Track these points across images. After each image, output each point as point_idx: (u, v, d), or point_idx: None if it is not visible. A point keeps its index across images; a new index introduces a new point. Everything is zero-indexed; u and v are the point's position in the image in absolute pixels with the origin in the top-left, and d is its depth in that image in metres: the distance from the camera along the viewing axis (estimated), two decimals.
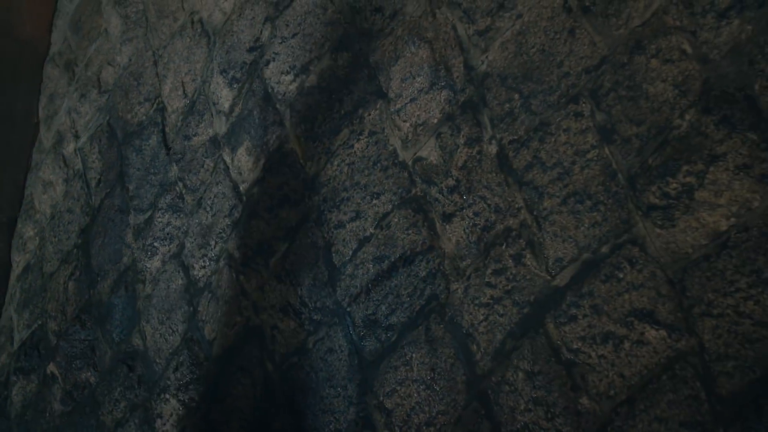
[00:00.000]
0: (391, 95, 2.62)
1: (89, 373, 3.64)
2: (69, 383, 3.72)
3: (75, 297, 3.87)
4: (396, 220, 2.52)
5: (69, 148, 4.17)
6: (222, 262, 3.11)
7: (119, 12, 3.97)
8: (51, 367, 3.85)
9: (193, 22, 3.51)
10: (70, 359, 3.75)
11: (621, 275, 1.97)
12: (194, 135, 3.39)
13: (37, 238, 4.30)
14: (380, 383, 2.43)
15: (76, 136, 4.14)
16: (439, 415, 2.25)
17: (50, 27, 4.52)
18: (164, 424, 3.14)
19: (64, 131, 4.24)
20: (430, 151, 2.46)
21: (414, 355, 2.36)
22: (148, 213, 3.55)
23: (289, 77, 2.98)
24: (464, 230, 2.34)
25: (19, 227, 4.45)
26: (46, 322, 4.01)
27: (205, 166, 3.30)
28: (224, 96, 3.26)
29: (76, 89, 4.19)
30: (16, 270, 4.40)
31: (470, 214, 2.33)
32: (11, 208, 4.50)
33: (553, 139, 2.18)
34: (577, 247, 2.07)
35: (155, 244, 3.46)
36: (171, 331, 3.26)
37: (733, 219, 1.83)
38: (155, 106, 3.65)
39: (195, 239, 3.27)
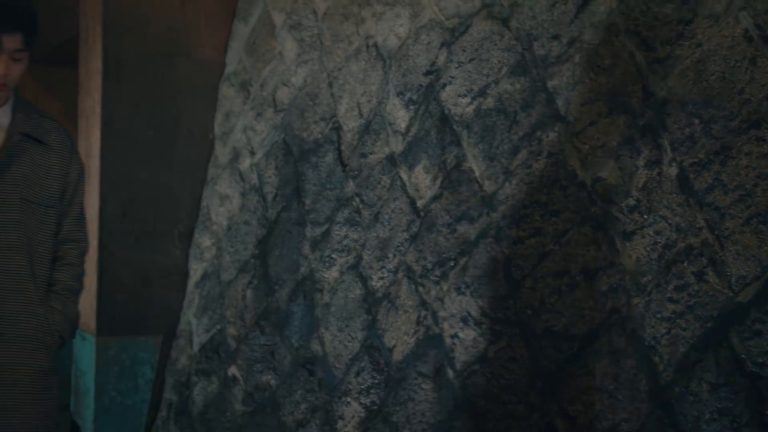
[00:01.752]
0: (570, 118, 2.82)
1: (269, 376, 3.97)
2: (250, 385, 4.06)
3: (253, 304, 4.21)
4: (576, 237, 2.72)
5: (245, 163, 4.54)
6: (400, 274, 3.37)
7: (294, 36, 4.30)
8: (232, 370, 4.21)
9: (368, 46, 3.80)
10: (250, 362, 4.10)
11: None
12: (370, 153, 3.67)
13: (214, 247, 4.68)
14: (563, 391, 2.63)
15: (252, 153, 4.50)
16: (623, 423, 2.45)
17: (225, 49, 4.91)
18: (346, 426, 3.42)
19: (239, 147, 4.61)
20: (609, 172, 2.66)
21: (596, 365, 2.56)
22: (325, 226, 3.86)
23: (466, 100, 3.22)
24: (645, 248, 2.52)
25: (196, 237, 4.85)
26: (225, 327, 4.38)
27: (382, 182, 3.58)
28: (400, 117, 3.53)
29: (251, 108, 4.56)
30: (194, 277, 4.80)
31: (651, 233, 2.51)
32: (189, 219, 4.91)
33: (734, 163, 2.34)
34: (760, 266, 2.23)
35: (333, 255, 3.76)
36: (350, 338, 3.55)
37: None
38: (331, 125, 3.95)
39: (372, 252, 3.54)
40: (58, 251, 2.52)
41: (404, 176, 3.46)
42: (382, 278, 3.46)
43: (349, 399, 3.44)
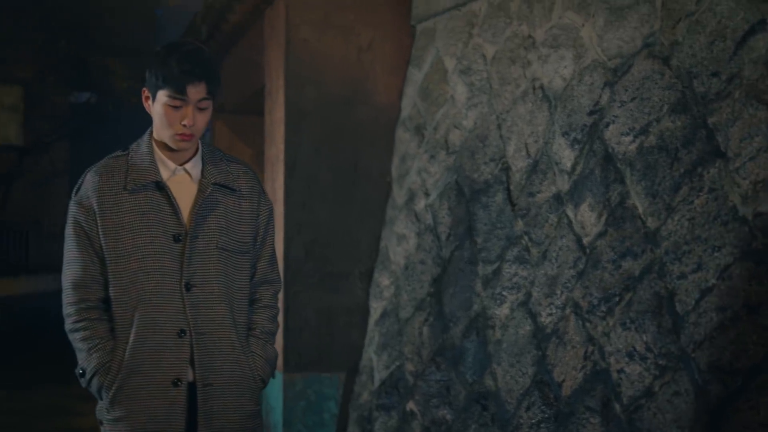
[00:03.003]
0: (730, 154, 2.92)
1: (445, 411, 4.19)
2: (427, 420, 4.30)
3: (429, 341, 4.46)
4: (737, 271, 2.81)
5: (420, 204, 4.81)
6: (568, 310, 3.53)
7: (464, 80, 4.56)
8: (410, 405, 4.46)
9: (534, 88, 4.00)
10: (427, 398, 4.34)
11: None
12: (538, 192, 3.86)
13: (392, 286, 4.97)
14: (728, 425, 2.72)
15: (426, 194, 4.77)
16: None
17: (400, 95, 5.23)
18: None
19: (415, 189, 4.89)
20: None
21: (761, 399, 2.63)
22: (496, 264, 4.06)
23: (629, 138, 3.36)
24: None
25: (376, 276, 5.16)
26: (404, 363, 4.64)
27: (549, 220, 3.75)
28: (566, 156, 3.70)
29: (425, 151, 4.83)
30: (374, 315, 5.10)
31: None
32: (369, 259, 5.22)
33: None
34: None
35: (503, 293, 3.96)
36: (521, 373, 3.72)
37: None
38: (500, 165, 4.17)
39: (541, 288, 3.72)
40: (255, 293, 2.60)
41: (570, 214, 3.62)
42: (550, 314, 3.62)
43: None
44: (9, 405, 7.68)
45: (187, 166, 2.48)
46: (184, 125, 2.38)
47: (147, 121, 2.51)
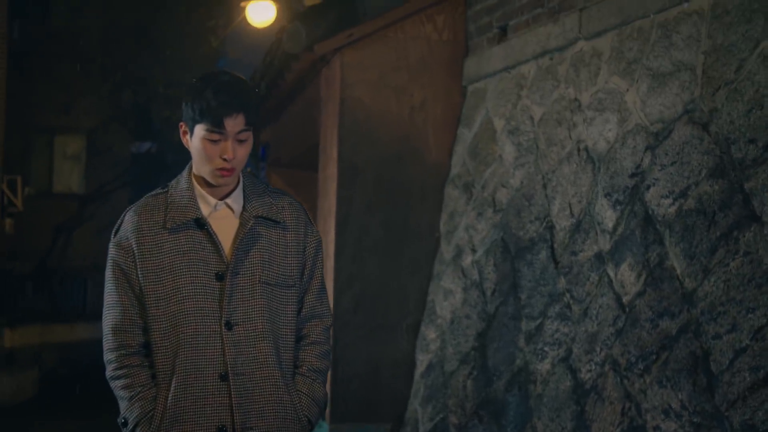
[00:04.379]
0: (765, 219, 3.02)
1: None
2: None
3: (473, 394, 4.57)
4: None
5: (467, 260, 4.95)
6: (607, 367, 3.62)
7: (512, 140, 4.72)
8: None
9: (579, 150, 4.14)
10: None
11: None
12: (580, 251, 3.98)
13: (438, 340, 5.09)
14: None
15: (473, 250, 4.91)
16: None
17: (450, 153, 5.40)
18: None
19: (462, 245, 5.04)
20: None
21: None
22: (539, 320, 4.17)
23: (668, 201, 3.48)
24: None
25: (423, 329, 5.29)
26: (447, 415, 4.75)
27: (591, 279, 3.87)
28: (608, 216, 3.83)
29: (473, 208, 4.98)
30: (420, 368, 5.22)
31: None
32: (416, 312, 5.36)
33: None
34: None
35: (545, 348, 4.06)
36: (560, 428, 3.82)
37: None
38: (544, 224, 4.30)
39: (581, 345, 3.82)
40: (302, 329, 2.47)
41: (611, 273, 3.73)
42: (590, 371, 3.72)
43: None
44: None
45: (229, 200, 2.39)
46: (225, 159, 2.30)
47: None
